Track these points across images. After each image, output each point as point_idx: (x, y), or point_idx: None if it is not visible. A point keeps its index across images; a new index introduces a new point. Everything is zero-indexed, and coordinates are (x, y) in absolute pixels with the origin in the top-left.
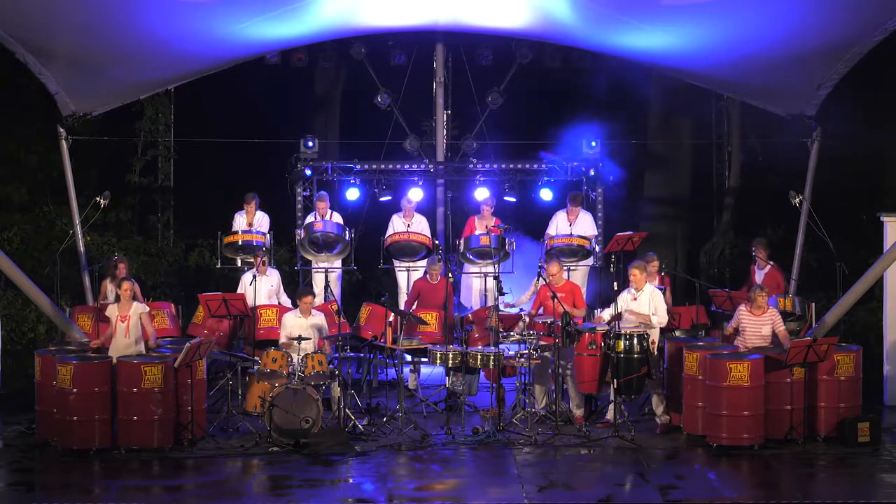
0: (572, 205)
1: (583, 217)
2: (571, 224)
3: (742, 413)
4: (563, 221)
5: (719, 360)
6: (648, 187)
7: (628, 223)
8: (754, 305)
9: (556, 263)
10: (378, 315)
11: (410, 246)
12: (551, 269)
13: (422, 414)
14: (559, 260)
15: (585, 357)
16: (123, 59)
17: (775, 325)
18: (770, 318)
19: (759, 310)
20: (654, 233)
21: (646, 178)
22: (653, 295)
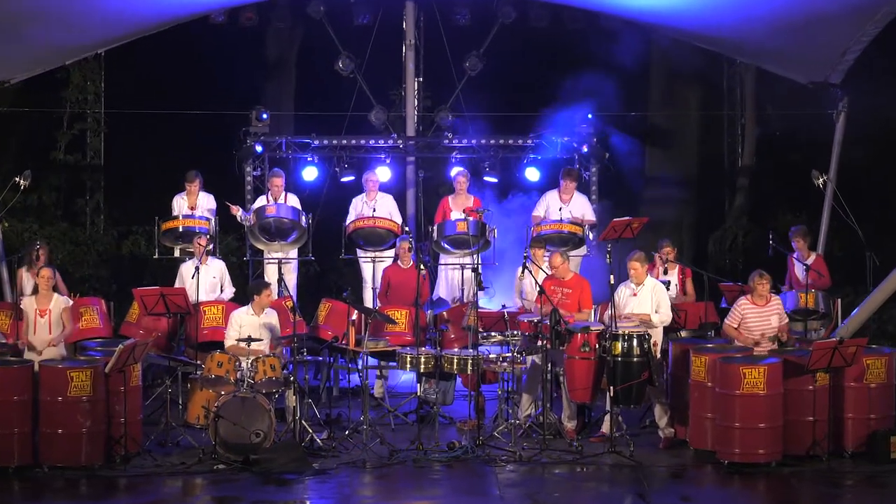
0: (567, 181)
1: (578, 199)
2: (565, 206)
3: (757, 425)
4: (554, 203)
5: (731, 364)
6: (650, 166)
7: (627, 207)
8: (756, 295)
9: (558, 255)
10: (339, 313)
11: (376, 233)
12: (554, 262)
13: (390, 426)
14: (561, 251)
15: (577, 361)
16: (44, 16)
17: (780, 315)
18: (776, 308)
19: (763, 299)
20: (657, 218)
21: (647, 155)
22: (655, 290)
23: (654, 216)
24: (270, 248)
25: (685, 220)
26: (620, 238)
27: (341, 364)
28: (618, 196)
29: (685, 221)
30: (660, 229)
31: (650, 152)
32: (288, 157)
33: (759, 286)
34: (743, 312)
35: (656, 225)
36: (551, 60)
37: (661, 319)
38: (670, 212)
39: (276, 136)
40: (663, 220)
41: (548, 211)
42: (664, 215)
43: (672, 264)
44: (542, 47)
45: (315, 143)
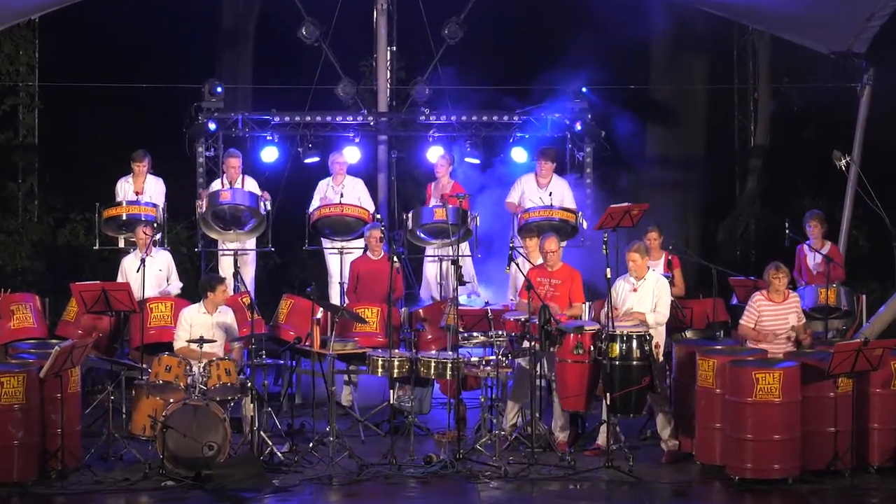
0: (543, 161)
1: (557, 183)
2: (542, 191)
3: (772, 437)
4: (530, 187)
5: (742, 368)
6: (652, 146)
7: (625, 192)
8: (772, 290)
9: (551, 238)
10: (302, 310)
11: (344, 221)
12: (548, 246)
13: (359, 438)
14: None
15: (570, 365)
16: None
17: (798, 314)
18: (794, 306)
19: (780, 295)
20: (659, 204)
21: (648, 134)
22: (658, 284)
23: (656, 202)
24: (225, 238)
25: (691, 206)
26: (618, 226)
27: (305, 368)
28: (615, 179)
29: (691, 208)
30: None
31: (652, 131)
32: (245, 135)
33: (775, 280)
34: (759, 310)
35: (658, 211)
36: (541, 27)
37: (656, 319)
38: (674, 197)
39: (232, 112)
40: (666, 207)
41: (522, 197)
42: (667, 201)
43: (657, 252)
44: (531, 13)
45: (275, 119)
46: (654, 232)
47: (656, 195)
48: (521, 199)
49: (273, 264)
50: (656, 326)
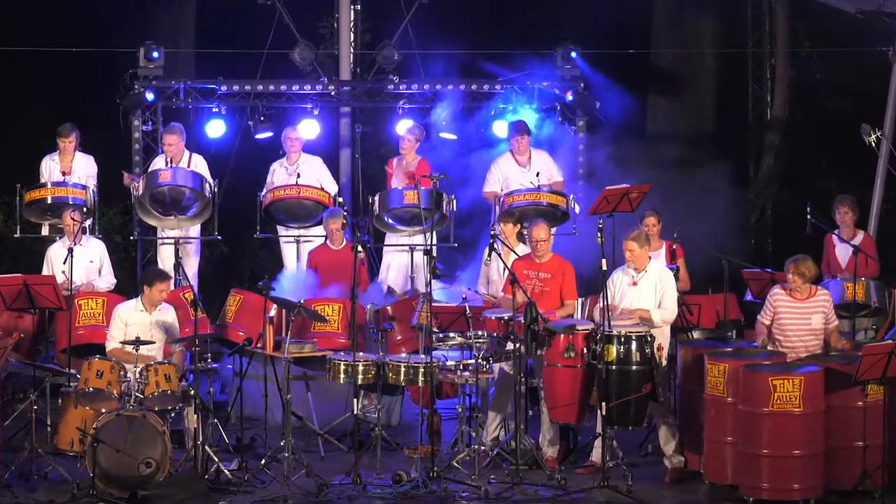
0: (518, 137)
1: (538, 157)
2: (525, 170)
3: (791, 452)
4: (511, 169)
5: (758, 373)
6: (654, 119)
7: (624, 172)
8: (794, 286)
9: (541, 225)
10: (253, 307)
11: (301, 206)
12: (537, 234)
13: (318, 454)
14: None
15: (560, 370)
16: None
17: (827, 315)
18: (821, 304)
19: (802, 292)
20: (662, 185)
21: (650, 106)
22: (661, 277)
23: (659, 183)
24: (165, 225)
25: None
26: (615, 211)
27: (256, 374)
28: (612, 157)
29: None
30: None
31: (653, 102)
32: (187, 107)
33: (797, 275)
34: (776, 306)
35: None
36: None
37: (662, 317)
38: (679, 178)
39: (172, 80)
40: (670, 189)
41: (506, 182)
42: (671, 182)
43: (656, 241)
44: None
45: (222, 89)
46: (651, 218)
47: (659, 175)
48: (505, 185)
49: (220, 255)
50: (662, 325)
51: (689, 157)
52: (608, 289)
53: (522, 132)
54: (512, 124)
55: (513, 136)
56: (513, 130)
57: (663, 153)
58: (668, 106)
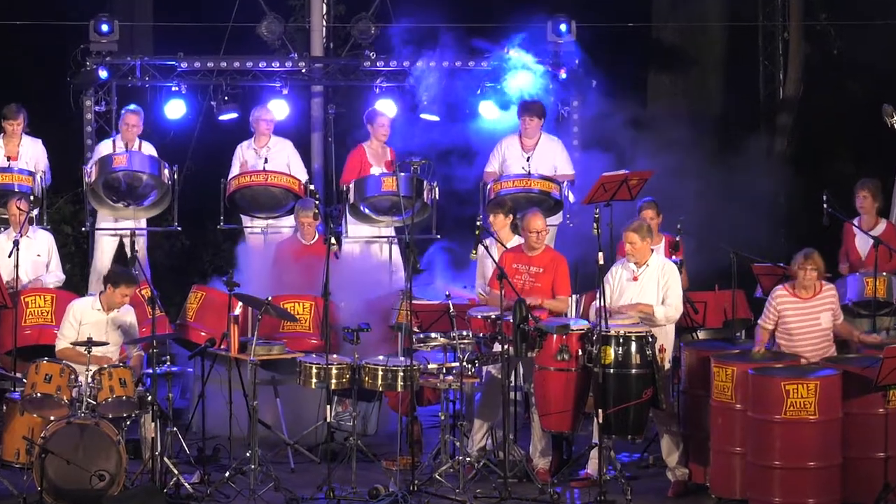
0: (528, 118)
1: (548, 144)
2: (529, 154)
3: (806, 464)
4: (514, 152)
5: (769, 377)
6: (654, 98)
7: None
8: (800, 284)
9: (538, 215)
10: (216, 305)
11: (269, 194)
12: (533, 224)
13: (287, 465)
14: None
15: (553, 374)
16: None
17: (835, 312)
18: (829, 302)
19: (808, 290)
20: (665, 172)
21: (651, 84)
22: (665, 271)
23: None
24: (119, 215)
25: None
26: (613, 200)
27: (219, 378)
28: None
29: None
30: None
31: (654, 80)
32: (144, 85)
33: (801, 272)
34: (780, 308)
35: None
36: None
37: (667, 314)
38: (683, 163)
39: (128, 56)
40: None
41: (505, 164)
42: (675, 168)
43: (656, 235)
44: None
45: (182, 66)
46: (650, 210)
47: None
48: (504, 167)
49: (180, 248)
50: (665, 324)
51: (694, 140)
52: (605, 284)
53: (532, 113)
54: (522, 103)
55: (521, 115)
56: (521, 110)
57: (665, 136)
58: (670, 85)
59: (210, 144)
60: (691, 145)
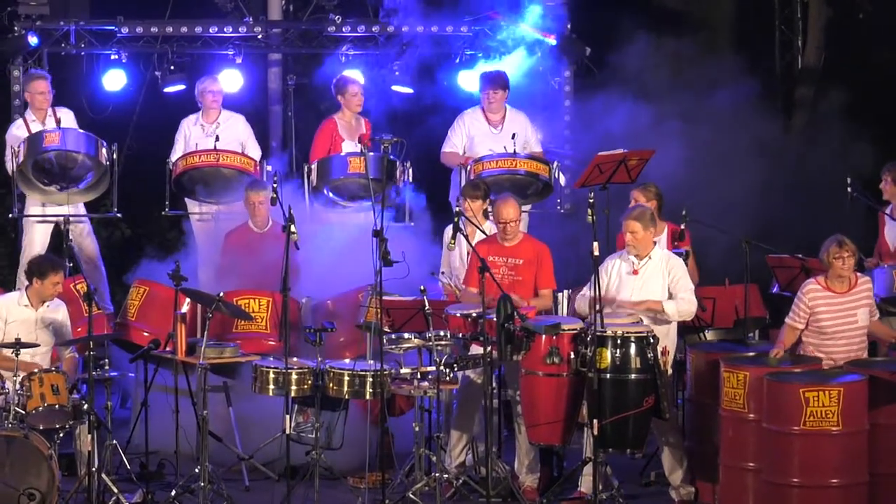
0: (492, 90)
1: (515, 118)
2: (495, 131)
3: (828, 482)
4: (480, 128)
5: (786, 384)
6: (659, 67)
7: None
8: (833, 276)
9: (510, 202)
10: (161, 302)
11: (219, 176)
12: (506, 212)
13: (242, 483)
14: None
15: (542, 379)
16: None
17: (871, 308)
18: (865, 296)
19: (844, 282)
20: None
21: (653, 50)
22: (669, 264)
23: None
24: (51, 199)
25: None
26: (609, 183)
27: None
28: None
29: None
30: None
31: (659, 47)
32: (80, 53)
33: (837, 262)
34: (813, 305)
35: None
36: None
37: (678, 310)
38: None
39: (61, 20)
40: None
41: (471, 144)
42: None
43: (659, 224)
44: None
45: (122, 31)
46: (641, 194)
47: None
48: (470, 146)
49: (119, 237)
50: (679, 319)
51: (703, 115)
52: (600, 278)
53: (496, 85)
54: (485, 75)
55: (485, 88)
56: (485, 82)
57: (669, 111)
58: (675, 51)
59: (154, 120)
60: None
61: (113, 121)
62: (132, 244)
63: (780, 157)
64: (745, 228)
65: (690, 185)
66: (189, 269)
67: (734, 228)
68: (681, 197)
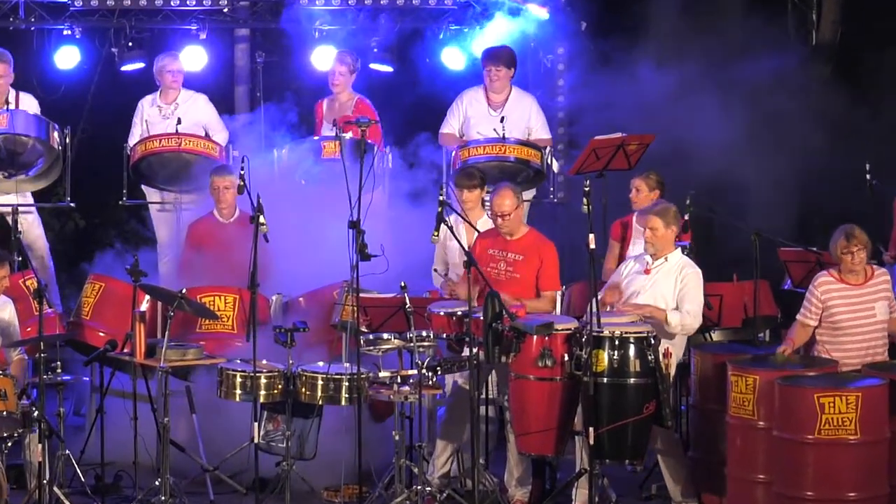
0: (494, 67)
1: (519, 99)
2: (495, 112)
3: (845, 495)
4: (478, 108)
5: (800, 388)
6: (660, 44)
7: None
8: (847, 269)
9: (503, 192)
10: (119, 299)
11: (181, 161)
12: (499, 204)
13: (207, 496)
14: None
15: (533, 384)
16: None
17: (891, 302)
18: (883, 288)
19: (858, 275)
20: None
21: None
22: (684, 272)
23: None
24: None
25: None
26: (607, 170)
27: (123, 390)
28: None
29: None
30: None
31: (660, 21)
32: (29, 28)
33: (846, 257)
34: (825, 298)
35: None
36: None
37: (683, 323)
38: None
39: None
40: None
41: (468, 124)
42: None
43: None
44: None
45: (76, 4)
46: (642, 182)
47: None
48: (466, 127)
49: (73, 229)
50: (680, 333)
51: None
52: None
53: (499, 61)
54: (487, 51)
55: (486, 65)
56: (486, 58)
57: (673, 90)
58: (677, 25)
59: (111, 101)
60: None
61: (66, 102)
62: (87, 236)
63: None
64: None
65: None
66: (149, 263)
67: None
68: (683, 184)
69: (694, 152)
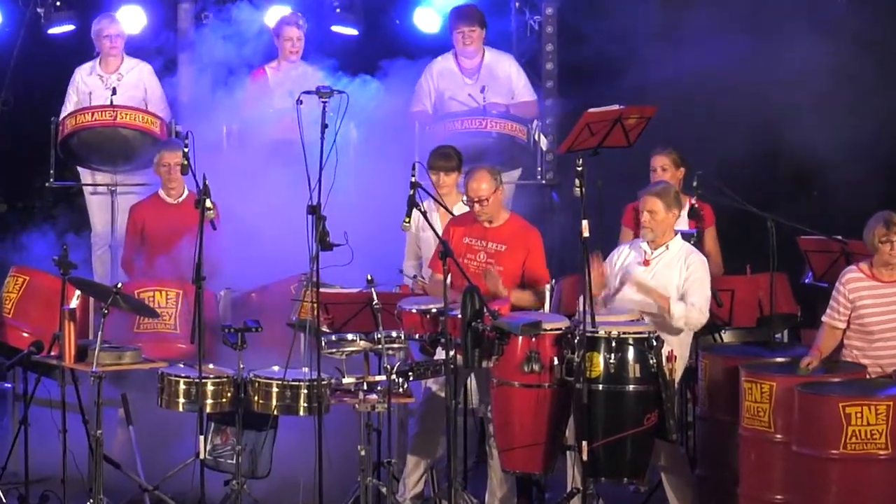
0: (466, 27)
1: (497, 60)
2: (471, 81)
3: None
4: (453, 79)
5: (823, 397)
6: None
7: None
8: (879, 262)
9: (478, 175)
10: (45, 295)
11: (118, 138)
12: (475, 188)
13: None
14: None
15: (518, 391)
16: None
17: None
18: None
19: (892, 270)
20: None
21: None
22: (689, 260)
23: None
24: None
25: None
26: (602, 147)
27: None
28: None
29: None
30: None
31: None
32: None
33: (884, 246)
34: (854, 297)
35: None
36: None
37: (688, 316)
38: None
39: None
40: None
41: (441, 97)
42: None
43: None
44: None
45: None
46: (667, 157)
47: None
48: (440, 103)
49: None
50: (684, 328)
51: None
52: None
53: (471, 21)
54: (455, 10)
55: (455, 26)
56: (455, 18)
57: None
58: None
59: (37, 69)
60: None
61: None
62: (8, 222)
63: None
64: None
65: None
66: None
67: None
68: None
69: None
